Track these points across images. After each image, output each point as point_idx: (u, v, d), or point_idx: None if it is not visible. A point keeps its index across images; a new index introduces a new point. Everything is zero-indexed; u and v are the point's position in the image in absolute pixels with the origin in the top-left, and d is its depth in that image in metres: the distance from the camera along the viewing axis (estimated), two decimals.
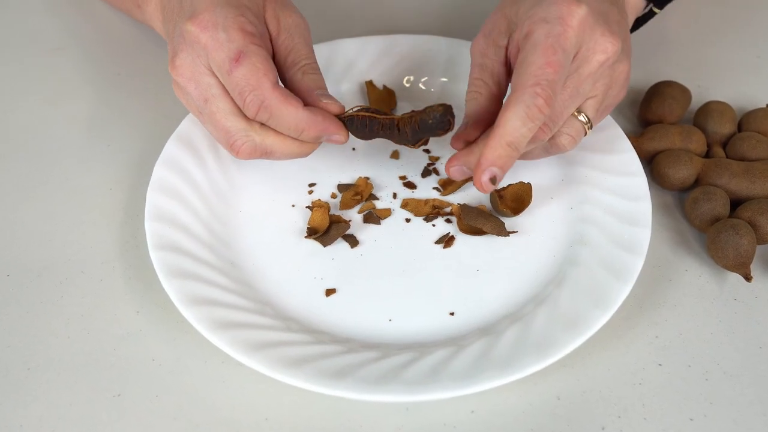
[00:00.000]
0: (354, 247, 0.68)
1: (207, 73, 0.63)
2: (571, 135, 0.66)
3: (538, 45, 0.61)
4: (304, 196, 0.72)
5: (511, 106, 0.61)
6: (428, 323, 0.64)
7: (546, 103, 0.61)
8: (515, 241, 0.68)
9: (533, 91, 0.61)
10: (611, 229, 0.67)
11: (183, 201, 0.69)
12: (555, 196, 0.71)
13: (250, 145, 0.65)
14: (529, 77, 0.61)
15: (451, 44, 0.81)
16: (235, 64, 0.62)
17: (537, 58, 0.61)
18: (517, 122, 0.61)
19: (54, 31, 0.89)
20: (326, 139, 0.65)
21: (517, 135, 0.62)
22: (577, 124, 0.66)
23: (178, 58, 0.64)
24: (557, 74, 0.61)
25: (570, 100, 0.64)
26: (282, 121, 0.63)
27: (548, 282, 0.65)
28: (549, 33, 0.61)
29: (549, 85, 0.61)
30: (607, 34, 0.63)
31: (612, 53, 0.63)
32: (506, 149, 0.62)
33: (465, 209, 0.69)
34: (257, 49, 0.63)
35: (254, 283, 0.66)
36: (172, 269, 0.63)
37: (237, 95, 0.62)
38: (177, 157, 0.71)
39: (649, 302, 0.66)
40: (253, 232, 0.69)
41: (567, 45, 0.61)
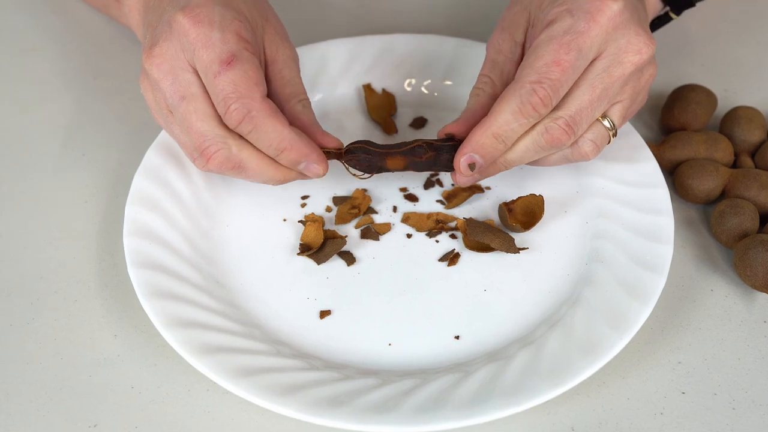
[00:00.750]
0: (351, 265, 0.69)
1: (189, 69, 0.63)
2: (595, 141, 0.67)
3: (553, 39, 0.63)
4: (297, 210, 0.73)
5: (506, 97, 0.63)
6: (431, 347, 0.65)
7: (542, 103, 0.62)
8: (525, 258, 0.69)
9: (531, 88, 0.62)
10: (630, 246, 0.68)
11: (164, 215, 0.69)
12: (569, 210, 0.72)
13: (225, 153, 0.64)
14: (532, 72, 0.63)
15: (457, 44, 0.82)
16: (226, 67, 0.62)
17: (546, 53, 0.62)
18: (508, 115, 0.63)
19: (25, 30, 0.90)
20: (304, 168, 0.66)
21: (506, 128, 0.64)
22: (601, 129, 0.67)
23: (158, 47, 0.64)
24: (564, 75, 0.62)
25: (597, 101, 0.64)
26: (265, 136, 0.63)
27: (561, 303, 0.66)
28: (569, 28, 0.63)
29: (551, 85, 0.62)
30: (642, 34, 0.64)
31: (647, 55, 0.64)
32: (491, 140, 0.64)
33: (471, 224, 0.70)
34: (251, 57, 0.63)
35: (242, 303, 0.66)
36: (152, 289, 0.64)
37: (221, 101, 0.62)
38: (158, 167, 0.72)
39: (671, 325, 0.67)
40: (240, 248, 0.70)
41: (585, 45, 0.62)
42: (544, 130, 0.64)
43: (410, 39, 0.82)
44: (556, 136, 0.64)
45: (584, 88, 0.64)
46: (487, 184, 0.74)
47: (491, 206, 0.73)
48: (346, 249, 0.70)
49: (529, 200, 0.71)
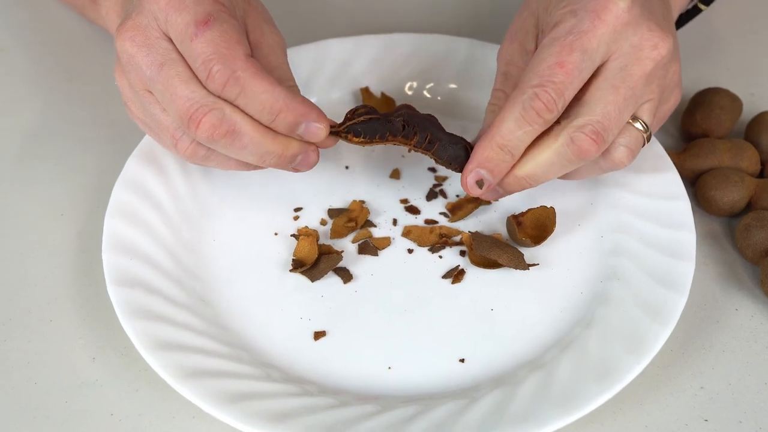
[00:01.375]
0: (347, 283, 0.70)
1: (163, 38, 0.63)
2: (629, 146, 0.66)
3: (556, 40, 0.63)
4: (289, 223, 0.73)
5: (509, 105, 0.64)
6: (434, 371, 0.65)
7: (546, 108, 0.63)
8: (536, 275, 0.70)
9: (534, 92, 0.63)
10: (649, 262, 0.68)
11: (147, 228, 0.70)
12: (582, 223, 0.73)
13: (217, 115, 0.62)
14: (534, 76, 0.63)
15: (463, 45, 0.82)
16: (203, 28, 0.62)
17: (549, 56, 0.63)
18: (511, 123, 0.64)
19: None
20: (304, 131, 0.65)
21: (510, 137, 0.64)
22: (634, 132, 0.66)
23: (129, 20, 0.64)
24: (568, 77, 0.63)
25: (624, 103, 0.64)
26: (255, 97, 0.62)
27: (575, 323, 0.67)
28: (573, 29, 0.63)
29: (554, 89, 0.63)
30: (655, 29, 0.64)
31: (665, 50, 0.65)
32: (496, 151, 0.65)
33: (477, 238, 0.70)
34: (229, 18, 0.63)
35: (230, 324, 0.67)
36: (133, 308, 0.64)
37: (200, 65, 0.61)
38: (140, 176, 0.73)
39: (692, 347, 0.68)
40: (228, 264, 0.71)
41: (590, 45, 0.63)
42: (569, 141, 0.64)
43: (412, 39, 0.83)
44: (583, 147, 0.64)
45: (605, 90, 0.64)
46: None
47: (499, 219, 0.74)
48: (342, 265, 0.71)
49: (539, 213, 0.72)
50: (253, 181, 0.75)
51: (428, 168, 0.77)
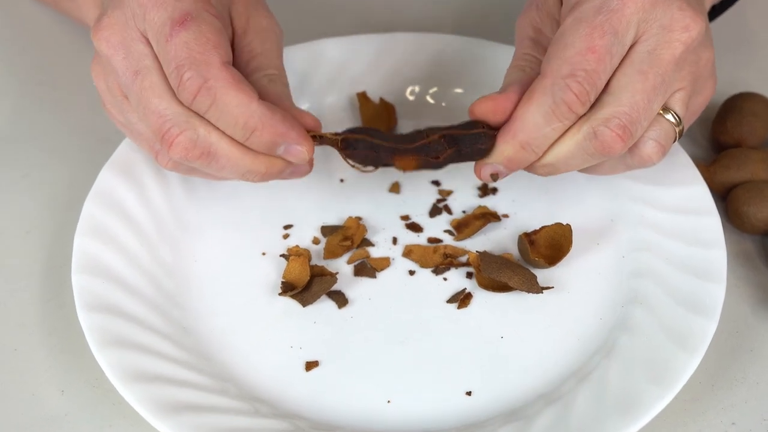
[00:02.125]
0: (342, 308, 0.70)
1: (140, 39, 0.63)
2: (659, 141, 0.66)
3: (582, 22, 0.62)
4: (278, 242, 0.74)
5: (535, 97, 0.63)
6: (438, 405, 0.65)
7: (579, 100, 0.62)
8: (550, 299, 0.70)
9: (565, 84, 0.62)
10: (675, 284, 0.69)
11: (121, 248, 0.70)
12: (602, 242, 0.73)
13: (190, 136, 0.62)
14: (563, 63, 0.62)
15: (469, 45, 0.83)
16: (179, 28, 0.61)
17: (578, 40, 0.62)
18: (538, 118, 0.63)
19: None
20: (284, 152, 0.65)
21: (536, 135, 0.64)
22: (665, 125, 0.66)
23: (106, 17, 0.64)
24: (600, 63, 0.62)
25: (653, 92, 0.63)
26: (227, 112, 0.61)
27: (593, 352, 0.67)
28: (601, 7, 0.62)
29: (587, 78, 0.62)
30: (686, 9, 0.64)
31: (696, 32, 0.64)
32: (518, 151, 0.64)
33: (485, 259, 0.70)
34: (211, 18, 0.63)
35: (213, 353, 0.67)
36: (106, 336, 0.65)
37: (172, 70, 0.61)
38: (113, 190, 0.73)
39: (723, 379, 0.68)
40: (211, 287, 0.71)
41: (620, 26, 0.62)
42: (592, 135, 0.63)
43: (413, 38, 0.84)
44: (608, 142, 0.63)
45: (633, 77, 0.63)
46: (505, 212, 0.75)
47: (510, 237, 0.74)
48: (337, 288, 0.71)
49: (554, 230, 0.72)
50: (238, 195, 0.76)
51: (431, 181, 0.77)
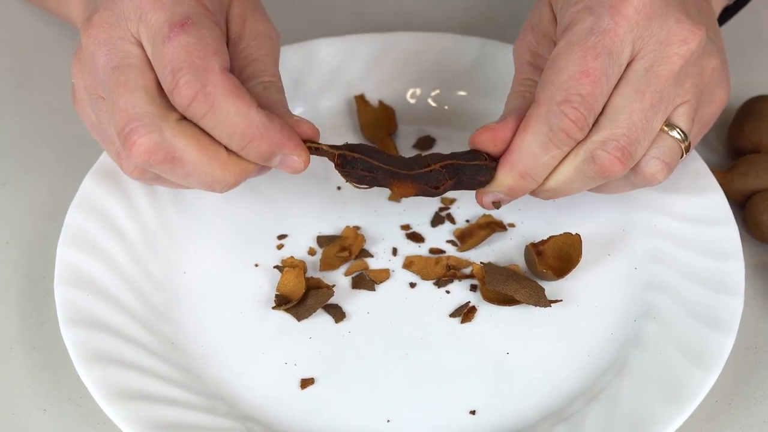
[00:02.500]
0: (339, 322, 0.70)
1: (131, 40, 0.64)
2: (662, 158, 0.66)
3: (575, 45, 0.63)
4: (272, 253, 0.74)
5: (530, 125, 0.64)
6: (440, 425, 0.65)
7: (577, 126, 0.63)
8: (558, 313, 0.71)
9: (560, 111, 0.62)
10: (690, 298, 0.69)
11: (106, 259, 0.71)
12: (613, 253, 0.74)
13: (154, 139, 0.61)
14: (557, 89, 0.63)
15: (473, 45, 0.83)
16: (178, 31, 0.62)
17: (571, 63, 0.63)
18: (535, 148, 0.64)
19: None
20: (279, 163, 0.65)
21: (534, 164, 0.64)
22: (669, 142, 0.66)
23: (97, 15, 0.64)
24: (596, 87, 0.63)
25: (652, 110, 0.64)
26: (225, 120, 0.61)
27: (604, 369, 0.67)
28: (592, 28, 0.63)
29: (583, 102, 0.62)
30: (684, 21, 0.64)
31: (695, 44, 0.64)
32: (518, 180, 0.65)
33: (490, 270, 0.71)
34: (210, 23, 0.64)
35: (203, 370, 0.67)
36: (91, 352, 0.65)
37: (168, 73, 0.61)
38: (98, 199, 0.73)
39: (740, 397, 0.68)
40: (201, 301, 0.71)
41: (614, 46, 0.63)
42: (590, 159, 0.64)
43: (414, 38, 0.84)
44: (606, 166, 0.64)
45: (629, 97, 0.64)
46: (511, 221, 0.76)
47: (516, 248, 0.74)
48: (334, 302, 0.71)
49: (562, 241, 0.72)
50: (230, 203, 0.76)
51: None
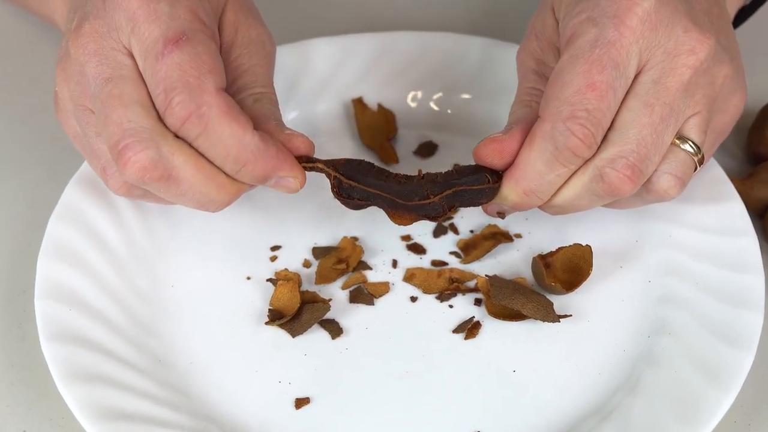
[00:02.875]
0: (336, 338, 0.70)
1: (121, 50, 0.64)
2: (675, 174, 0.66)
3: (579, 58, 0.63)
4: (265, 265, 0.74)
5: (535, 142, 0.64)
6: None
7: (584, 144, 0.63)
8: (568, 329, 0.71)
9: (566, 128, 0.63)
10: (707, 313, 0.69)
11: (90, 272, 0.71)
12: (625, 265, 0.74)
13: (151, 156, 0.62)
14: (562, 104, 0.63)
15: (477, 45, 0.83)
16: (172, 47, 0.62)
17: (575, 77, 0.63)
18: (540, 166, 0.64)
19: None
20: (274, 185, 0.66)
21: (539, 182, 0.65)
22: (681, 156, 0.66)
23: (87, 24, 0.64)
24: (602, 101, 0.62)
25: (663, 124, 0.64)
26: (218, 142, 0.62)
27: (616, 388, 0.67)
28: (596, 40, 0.63)
29: (589, 118, 0.62)
30: (692, 30, 0.64)
31: (704, 54, 0.64)
32: (522, 197, 0.66)
33: (496, 283, 0.71)
34: (206, 39, 0.64)
35: (192, 389, 0.67)
36: (74, 369, 0.65)
37: (161, 92, 0.62)
38: (81, 208, 0.73)
39: (760, 417, 0.68)
40: (190, 316, 0.71)
41: (620, 58, 0.63)
42: (599, 177, 0.65)
43: (415, 38, 0.84)
44: (615, 184, 0.64)
45: (638, 111, 0.64)
46: (517, 231, 0.76)
47: (523, 260, 0.75)
48: (330, 317, 0.71)
49: (572, 252, 0.72)
50: (220, 213, 0.75)
51: None
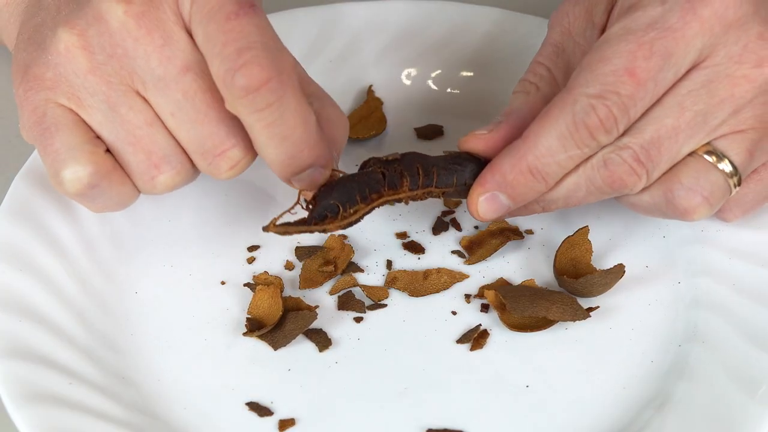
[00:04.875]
0: (324, 351, 0.70)
1: (179, 24, 0.64)
2: (701, 192, 0.66)
3: (630, 34, 0.63)
4: (242, 267, 0.74)
5: (552, 113, 0.64)
6: None
7: (603, 128, 0.63)
8: (588, 337, 0.70)
9: (589, 104, 0.62)
10: (744, 317, 0.69)
11: (43, 278, 0.70)
12: (652, 264, 0.74)
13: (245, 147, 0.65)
14: (594, 80, 0.63)
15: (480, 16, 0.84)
16: (248, 9, 0.62)
17: (617, 56, 0.63)
18: (552, 141, 0.64)
19: None
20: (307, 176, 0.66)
21: (548, 160, 0.64)
22: (714, 175, 0.66)
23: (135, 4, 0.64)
24: (638, 90, 0.62)
25: (687, 130, 0.64)
26: (286, 119, 0.63)
27: (644, 404, 0.67)
28: (656, 21, 0.63)
29: (618, 103, 0.62)
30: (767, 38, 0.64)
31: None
32: (526, 176, 0.65)
33: (509, 294, 0.70)
34: None
35: (160, 409, 0.67)
36: (25, 389, 0.64)
37: (233, 51, 0.62)
38: (30, 204, 0.73)
39: None
40: (157, 327, 0.71)
41: (676, 49, 0.62)
42: (601, 164, 0.65)
43: (410, 7, 0.84)
44: (617, 174, 0.65)
45: (669, 109, 0.64)
46: (528, 227, 0.75)
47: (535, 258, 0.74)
48: (317, 326, 0.71)
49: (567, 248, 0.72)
50: (189, 209, 0.75)
51: None
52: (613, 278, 0.70)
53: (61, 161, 0.65)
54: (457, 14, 0.84)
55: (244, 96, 0.61)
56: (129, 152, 0.66)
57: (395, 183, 0.68)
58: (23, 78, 0.66)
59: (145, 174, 0.66)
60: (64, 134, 0.65)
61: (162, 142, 0.66)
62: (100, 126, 0.66)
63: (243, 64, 0.61)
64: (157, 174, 0.66)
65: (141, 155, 0.66)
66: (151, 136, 0.66)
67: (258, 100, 0.62)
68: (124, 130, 0.65)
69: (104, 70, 0.65)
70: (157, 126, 0.66)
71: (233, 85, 0.61)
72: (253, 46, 0.61)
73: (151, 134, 0.66)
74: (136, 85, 0.65)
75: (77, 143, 0.65)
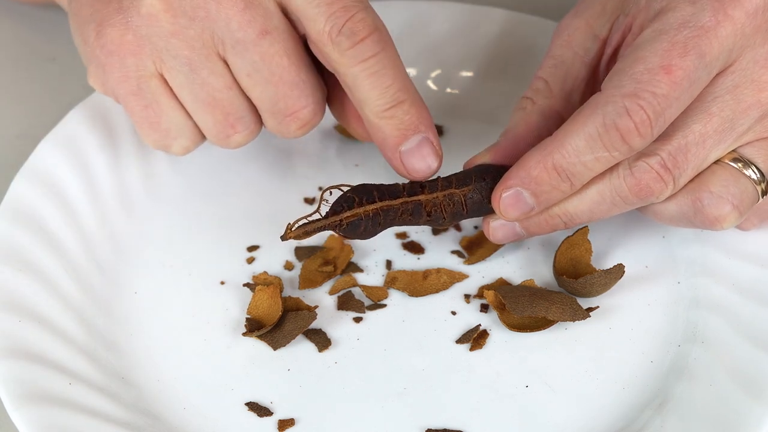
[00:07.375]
0: (324, 351, 0.71)
1: None
2: (732, 200, 0.66)
3: (663, 34, 0.63)
4: (241, 268, 0.75)
5: (584, 113, 0.64)
6: None
7: (637, 131, 0.62)
8: (588, 338, 0.71)
9: (623, 105, 0.62)
10: (745, 317, 0.70)
11: (42, 278, 0.71)
12: (652, 264, 0.74)
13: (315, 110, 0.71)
14: (628, 79, 0.63)
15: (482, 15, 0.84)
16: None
17: (652, 55, 0.63)
18: (581, 141, 0.64)
19: None
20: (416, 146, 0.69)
21: (575, 160, 0.65)
22: (742, 182, 0.66)
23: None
24: (674, 89, 0.62)
25: (716, 137, 0.65)
26: (387, 68, 0.68)
27: (643, 405, 0.68)
28: (687, 21, 0.63)
29: (653, 103, 0.62)
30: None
31: None
32: (551, 174, 0.66)
33: (509, 294, 0.71)
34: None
35: (160, 410, 0.68)
36: (25, 389, 0.65)
37: (338, 9, 0.67)
38: (30, 202, 0.74)
39: None
40: (156, 327, 0.72)
41: (711, 49, 0.63)
42: (627, 172, 0.65)
43: (411, 6, 0.85)
44: (644, 181, 0.65)
45: (696, 115, 0.65)
46: None
47: (535, 258, 0.75)
48: (317, 326, 0.72)
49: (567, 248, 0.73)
50: (189, 207, 0.77)
51: None
52: (612, 278, 0.71)
53: (172, 138, 0.72)
54: (456, 14, 0.85)
55: (352, 47, 0.67)
56: (207, 112, 0.71)
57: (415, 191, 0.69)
58: (98, 35, 0.70)
59: (221, 133, 0.71)
60: (168, 115, 0.71)
61: (238, 103, 0.70)
62: (180, 87, 0.70)
63: (350, 17, 0.66)
64: (232, 133, 0.71)
65: (219, 116, 0.71)
66: (230, 99, 0.70)
67: (364, 49, 0.67)
68: (204, 92, 0.70)
69: (187, 33, 0.68)
70: (235, 89, 0.70)
71: (341, 37, 0.67)
72: (356, 4, 0.66)
73: (230, 97, 0.70)
74: (216, 46, 0.68)
75: (181, 123, 0.71)
